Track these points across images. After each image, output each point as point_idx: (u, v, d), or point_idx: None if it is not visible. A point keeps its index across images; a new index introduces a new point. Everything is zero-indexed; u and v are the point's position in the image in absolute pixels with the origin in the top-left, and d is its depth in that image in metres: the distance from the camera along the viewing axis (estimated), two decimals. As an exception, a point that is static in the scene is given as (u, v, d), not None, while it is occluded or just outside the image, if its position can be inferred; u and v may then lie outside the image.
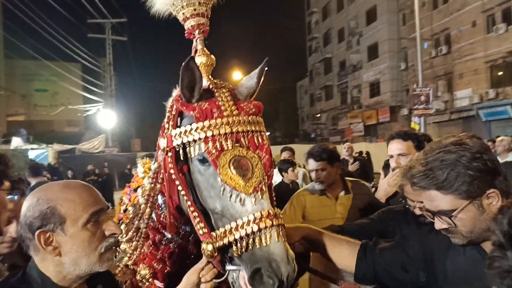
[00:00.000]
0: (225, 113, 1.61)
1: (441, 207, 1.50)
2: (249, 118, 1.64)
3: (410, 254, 1.74)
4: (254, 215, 1.50)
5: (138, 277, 1.92)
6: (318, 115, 48.91)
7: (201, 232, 1.61)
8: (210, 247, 1.55)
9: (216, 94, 1.68)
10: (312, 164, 3.49)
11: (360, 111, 39.31)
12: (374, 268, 1.78)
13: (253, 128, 1.63)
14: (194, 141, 1.59)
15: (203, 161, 1.60)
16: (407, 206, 2.50)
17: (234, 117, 1.60)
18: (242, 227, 1.50)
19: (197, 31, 1.91)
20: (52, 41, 27.66)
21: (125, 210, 2.48)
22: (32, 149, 23.68)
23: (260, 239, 1.49)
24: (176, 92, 1.92)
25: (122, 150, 34.23)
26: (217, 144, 1.55)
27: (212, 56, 1.92)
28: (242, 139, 1.60)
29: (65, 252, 1.36)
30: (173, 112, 1.74)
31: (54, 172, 14.13)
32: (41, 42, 28.97)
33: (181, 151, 1.63)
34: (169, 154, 1.68)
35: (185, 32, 1.95)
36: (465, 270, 1.55)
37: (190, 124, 1.61)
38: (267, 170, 1.60)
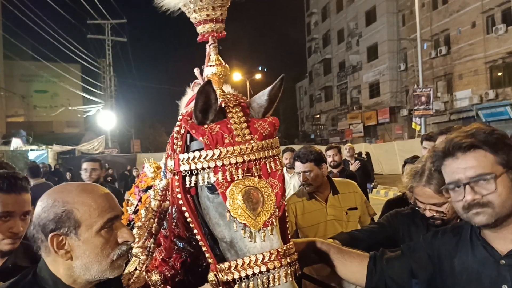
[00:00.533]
0: (237, 139, 1.50)
1: (481, 170, 1.46)
2: (263, 142, 1.54)
3: (417, 261, 1.72)
4: (263, 254, 1.44)
5: (152, 280, 1.90)
6: (318, 116, 48.95)
7: (208, 260, 1.58)
8: (215, 279, 1.51)
9: (229, 115, 1.55)
10: (299, 166, 3.47)
11: (359, 112, 39.34)
12: (384, 280, 1.76)
13: (266, 154, 1.54)
14: (203, 169, 1.50)
15: (212, 188, 1.52)
16: (416, 208, 2.49)
17: (246, 144, 1.50)
18: (249, 265, 1.44)
19: (210, 38, 1.74)
20: (52, 42, 27.76)
21: (135, 211, 2.48)
22: (31, 150, 23.68)
23: (268, 280, 1.44)
24: (184, 102, 1.84)
25: (121, 151, 34.21)
26: (227, 174, 1.47)
27: (226, 66, 1.77)
28: (253, 167, 1.51)
29: (77, 257, 1.34)
30: (182, 132, 1.63)
31: (49, 176, 13.85)
32: (40, 43, 29.08)
33: (187, 177, 1.54)
34: (177, 177, 1.60)
35: (198, 36, 1.79)
36: (475, 270, 1.54)
37: (199, 151, 1.51)
38: (279, 200, 1.51)
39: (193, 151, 1.53)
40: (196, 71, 1.74)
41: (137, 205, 2.56)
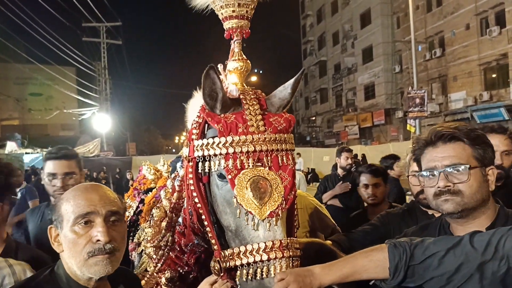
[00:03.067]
0: (250, 129, 1.52)
1: (457, 160, 1.57)
2: (276, 135, 1.55)
3: None
4: (265, 243, 1.45)
5: (163, 280, 1.90)
6: (313, 118, 48.98)
7: (213, 247, 1.59)
8: (217, 266, 1.53)
9: (245, 107, 1.58)
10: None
11: (355, 113, 39.40)
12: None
13: (278, 147, 1.54)
14: (215, 155, 1.52)
15: (221, 176, 1.55)
16: (405, 209, 2.55)
17: (259, 135, 1.52)
18: (251, 253, 1.46)
19: (235, 34, 1.78)
20: (47, 44, 27.65)
21: (138, 213, 2.52)
22: (26, 153, 23.59)
23: (268, 270, 1.44)
24: (192, 104, 1.87)
25: (117, 154, 34.13)
26: (238, 162, 1.49)
27: (248, 62, 1.81)
28: (264, 158, 1.52)
29: (63, 250, 1.43)
30: (200, 120, 1.65)
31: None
32: (35, 45, 28.97)
33: (200, 163, 1.57)
34: (190, 163, 1.63)
35: (225, 32, 1.83)
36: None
37: (213, 137, 1.54)
38: (287, 193, 1.50)
39: (207, 138, 1.57)
40: (220, 66, 1.77)
41: (138, 206, 2.58)
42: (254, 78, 38.59)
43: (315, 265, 1.49)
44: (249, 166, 1.49)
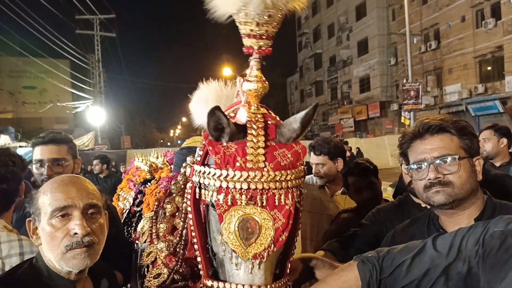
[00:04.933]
0: (248, 165, 1.42)
1: (446, 151, 1.58)
2: (276, 173, 1.43)
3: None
4: (243, 286, 1.41)
5: (176, 276, 1.93)
6: (309, 110, 48.99)
7: (201, 271, 1.57)
8: None
9: (248, 137, 1.47)
10: (312, 157, 3.33)
11: (350, 106, 39.46)
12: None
13: (277, 185, 1.43)
14: (209, 185, 1.46)
15: (213, 206, 1.49)
16: (396, 203, 2.51)
17: (257, 172, 1.41)
18: None
19: (253, 52, 1.64)
20: (40, 37, 27.45)
21: (138, 204, 2.52)
22: (20, 146, 23.41)
23: None
24: (197, 97, 1.87)
25: (112, 148, 34.02)
26: (229, 197, 1.41)
27: (266, 83, 1.64)
28: (259, 196, 1.42)
29: (42, 243, 1.43)
30: (204, 142, 1.58)
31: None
32: (28, 38, 28.71)
33: (197, 188, 1.52)
34: (190, 185, 1.61)
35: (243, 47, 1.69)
36: None
37: (209, 166, 1.49)
38: (278, 235, 1.41)
39: (205, 165, 1.52)
40: (238, 81, 1.68)
41: (137, 197, 2.58)
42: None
43: None
44: (241, 203, 1.41)
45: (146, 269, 2.07)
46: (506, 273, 1.17)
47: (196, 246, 1.58)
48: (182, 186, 2.07)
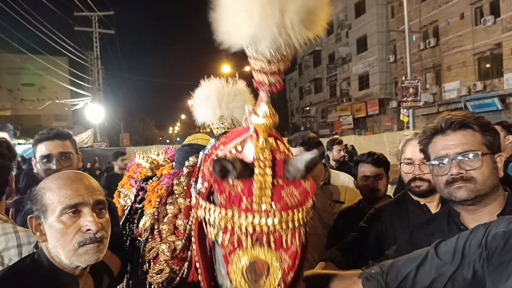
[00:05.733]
0: (254, 206, 1.38)
1: (469, 147, 1.58)
2: (283, 214, 1.38)
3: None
4: None
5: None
6: (308, 108, 48.99)
7: None
8: None
9: (255, 177, 1.41)
10: (292, 150, 3.36)
11: (349, 104, 39.45)
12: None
13: (284, 226, 1.38)
14: (214, 223, 1.42)
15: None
16: (394, 202, 2.51)
17: (262, 214, 1.37)
18: None
19: (263, 88, 1.56)
20: (38, 34, 27.34)
21: (140, 200, 2.52)
22: (19, 144, 23.42)
23: None
24: (198, 95, 1.85)
25: (111, 145, 33.98)
26: (235, 239, 1.37)
27: (276, 117, 1.56)
28: (265, 237, 1.38)
29: (48, 240, 1.42)
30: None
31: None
32: (27, 35, 28.66)
33: (203, 221, 1.48)
34: (194, 215, 1.57)
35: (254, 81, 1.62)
36: None
37: (215, 204, 1.44)
38: (285, 275, 1.38)
39: (211, 202, 1.47)
40: (247, 109, 1.61)
41: (138, 194, 2.59)
42: (248, 68, 38.39)
43: None
44: (247, 245, 1.37)
45: (148, 265, 2.08)
46: (511, 271, 1.17)
47: (200, 277, 1.56)
48: (185, 188, 2.07)
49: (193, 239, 1.59)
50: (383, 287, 1.42)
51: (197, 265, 1.58)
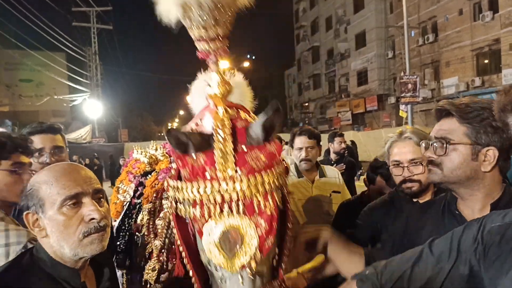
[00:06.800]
0: (219, 174, 1.35)
1: (445, 134, 1.62)
2: (251, 178, 1.35)
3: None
4: None
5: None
6: (306, 104, 48.97)
7: (195, 285, 1.53)
8: None
9: (215, 145, 1.39)
10: (304, 141, 3.52)
11: (348, 99, 39.43)
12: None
13: (253, 191, 1.34)
14: (184, 200, 1.40)
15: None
16: (386, 199, 2.53)
17: (228, 180, 1.34)
18: None
19: (209, 58, 1.52)
20: (36, 30, 27.24)
21: (139, 196, 2.53)
22: (17, 140, 23.35)
23: None
24: (195, 87, 1.78)
25: (109, 141, 33.99)
26: (205, 210, 1.34)
27: (230, 85, 1.55)
28: (234, 205, 1.34)
29: (48, 234, 1.39)
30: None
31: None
32: (24, 31, 28.53)
33: (173, 203, 1.46)
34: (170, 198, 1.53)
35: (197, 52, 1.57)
36: None
37: (181, 180, 1.42)
38: (262, 242, 1.34)
39: (178, 179, 1.45)
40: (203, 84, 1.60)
41: (138, 189, 2.59)
42: (246, 64, 38.41)
43: None
44: (217, 215, 1.34)
45: (145, 261, 2.09)
46: (511, 264, 1.17)
47: (185, 260, 1.53)
48: None
49: (172, 223, 1.56)
50: None
51: (183, 254, 1.54)
